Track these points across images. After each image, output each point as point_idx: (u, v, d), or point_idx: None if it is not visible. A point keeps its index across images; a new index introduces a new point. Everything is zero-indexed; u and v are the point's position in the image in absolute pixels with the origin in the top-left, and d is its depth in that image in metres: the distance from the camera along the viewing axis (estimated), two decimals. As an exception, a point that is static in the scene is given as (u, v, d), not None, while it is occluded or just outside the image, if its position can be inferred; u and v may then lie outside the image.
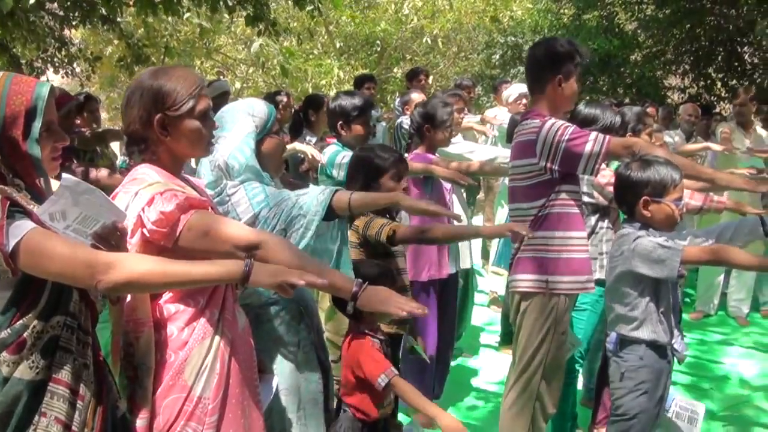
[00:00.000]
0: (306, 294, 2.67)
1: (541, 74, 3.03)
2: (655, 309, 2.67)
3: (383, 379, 2.52)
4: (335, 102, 3.83)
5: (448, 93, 5.09)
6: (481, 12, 13.00)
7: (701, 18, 11.13)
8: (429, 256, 3.92)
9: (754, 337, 6.00)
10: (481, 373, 4.89)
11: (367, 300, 1.92)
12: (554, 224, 2.94)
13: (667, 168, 2.66)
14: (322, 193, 2.48)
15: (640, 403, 2.70)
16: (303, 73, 11.67)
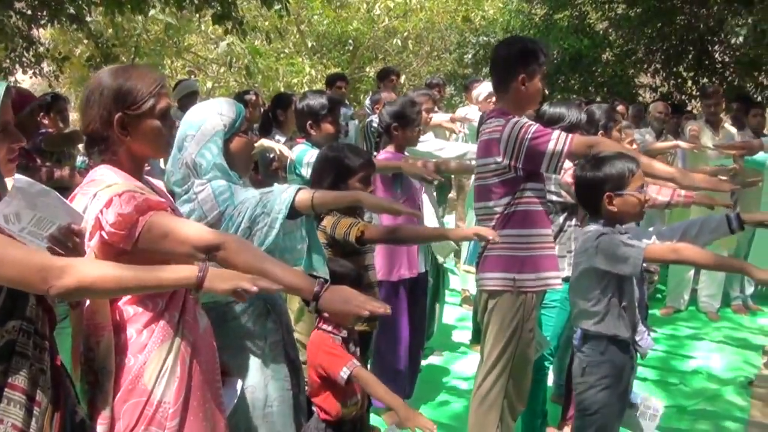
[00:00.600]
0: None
1: (506, 73, 3.04)
2: (617, 304, 2.68)
3: (345, 372, 2.53)
4: (303, 101, 3.81)
5: (417, 92, 5.09)
6: (453, 11, 13.07)
7: (672, 17, 11.24)
8: (398, 256, 3.92)
9: (725, 332, 6.08)
10: (453, 372, 4.90)
11: (328, 300, 1.91)
12: (520, 222, 2.96)
13: (621, 160, 2.68)
14: (285, 192, 2.47)
15: (602, 398, 2.71)
16: (274, 72, 11.63)
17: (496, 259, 3.00)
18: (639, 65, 12.39)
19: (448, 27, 14.25)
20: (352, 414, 2.65)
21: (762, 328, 6.22)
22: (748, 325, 6.32)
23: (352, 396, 2.63)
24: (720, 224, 2.91)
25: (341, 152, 3.15)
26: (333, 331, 2.66)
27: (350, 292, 1.95)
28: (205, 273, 1.74)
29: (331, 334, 2.65)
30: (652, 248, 2.58)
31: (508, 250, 2.97)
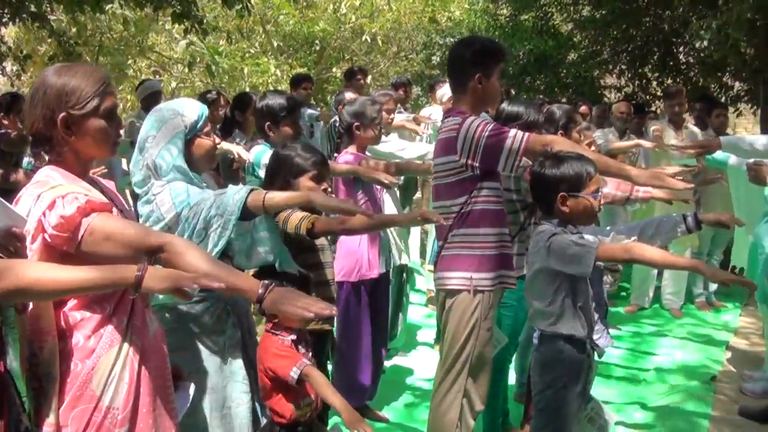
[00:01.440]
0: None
1: (462, 72, 3.04)
2: (571, 304, 2.69)
3: (295, 372, 2.51)
4: (262, 102, 3.78)
5: (379, 92, 5.09)
6: (419, 12, 13.09)
7: (637, 19, 11.34)
8: (359, 256, 3.92)
9: (689, 328, 6.17)
10: (417, 372, 4.90)
11: (272, 302, 1.89)
12: (477, 221, 2.97)
13: (580, 162, 2.68)
14: (237, 193, 2.48)
15: (560, 397, 2.72)
16: (239, 73, 11.56)
17: (453, 258, 3.00)
18: (604, 66, 12.47)
19: (415, 28, 14.27)
20: (306, 415, 2.63)
21: (725, 325, 6.32)
22: (712, 322, 6.42)
23: (305, 397, 2.61)
24: (677, 224, 2.94)
25: (292, 151, 3.13)
26: (282, 334, 2.65)
27: (295, 294, 1.93)
28: (144, 272, 1.72)
29: (280, 336, 2.64)
30: (603, 248, 2.59)
31: (465, 249, 2.98)
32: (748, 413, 4.35)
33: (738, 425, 4.25)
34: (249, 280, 1.99)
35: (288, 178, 3.05)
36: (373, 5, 12.48)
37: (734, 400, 4.60)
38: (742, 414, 4.37)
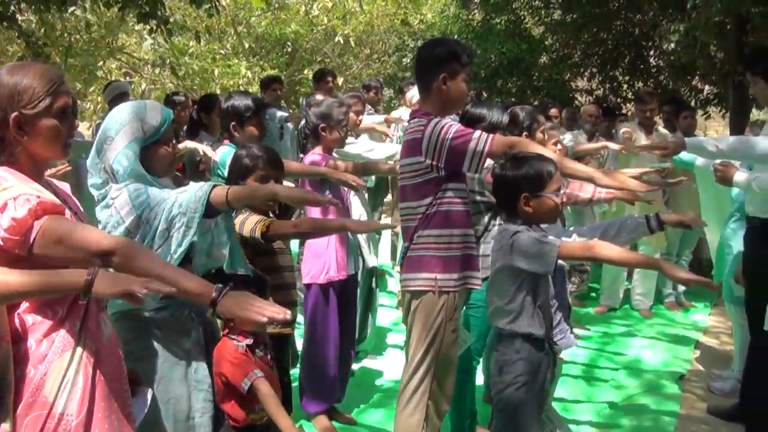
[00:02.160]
0: None
1: (428, 74, 3.03)
2: (531, 303, 2.69)
3: (245, 383, 2.49)
4: (228, 102, 3.75)
5: (347, 94, 5.07)
6: (392, 15, 13.12)
7: (607, 23, 11.45)
8: (327, 258, 3.89)
9: (658, 329, 6.22)
10: (386, 374, 4.87)
11: (226, 306, 1.87)
12: (441, 222, 2.95)
13: (540, 162, 2.69)
14: (200, 190, 2.42)
15: (519, 396, 2.71)
16: (210, 74, 11.48)
17: (418, 259, 2.99)
18: (575, 69, 12.60)
19: (387, 30, 14.30)
20: (263, 419, 2.60)
21: (695, 324, 6.39)
22: (681, 321, 6.48)
23: (257, 402, 2.58)
24: (639, 224, 2.96)
25: (245, 151, 3.12)
26: (238, 338, 2.62)
27: (249, 298, 1.90)
28: (95, 276, 1.69)
29: (236, 341, 2.60)
30: (565, 246, 2.59)
31: (430, 251, 2.96)
32: (716, 412, 4.39)
33: (706, 423, 4.28)
34: (203, 283, 1.95)
35: (237, 178, 3.05)
36: (346, 8, 12.48)
37: (703, 398, 4.64)
38: (710, 412, 4.41)
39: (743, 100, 8.09)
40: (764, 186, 3.65)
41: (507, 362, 2.74)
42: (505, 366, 2.74)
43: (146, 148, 2.50)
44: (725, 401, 4.50)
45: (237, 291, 1.92)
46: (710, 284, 2.76)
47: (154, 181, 2.51)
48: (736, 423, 4.15)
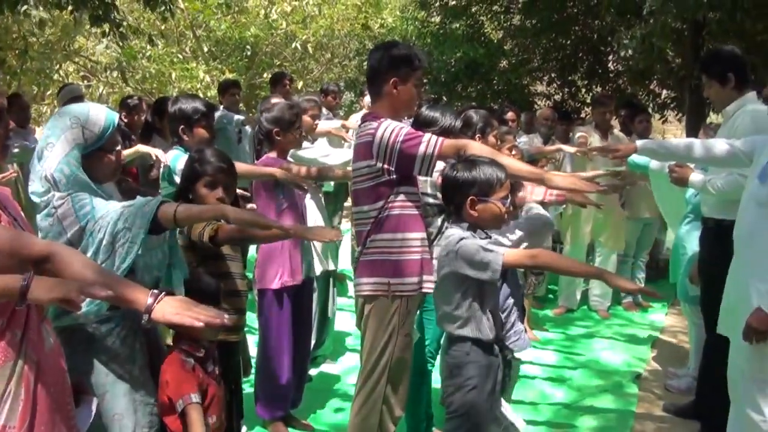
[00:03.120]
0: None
1: (378, 78, 3.04)
2: (479, 308, 2.69)
3: (179, 405, 2.45)
4: (175, 105, 3.68)
5: (303, 98, 5.03)
6: (352, 19, 13.11)
7: (566, 28, 11.57)
8: (281, 262, 3.84)
9: (616, 329, 6.29)
10: (344, 379, 4.85)
11: (162, 313, 1.83)
12: (394, 226, 2.95)
13: (492, 167, 2.69)
14: (147, 205, 2.35)
15: (469, 399, 2.71)
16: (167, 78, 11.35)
17: (371, 263, 2.97)
18: (534, 74, 12.70)
19: (347, 34, 14.30)
20: None
21: (652, 324, 6.46)
22: (639, 321, 6.55)
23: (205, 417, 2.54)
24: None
25: (197, 155, 3.08)
26: (188, 350, 2.58)
27: (185, 303, 1.87)
28: (29, 282, 1.65)
29: (184, 354, 2.56)
30: (510, 255, 2.60)
31: (383, 255, 2.96)
32: (672, 409, 4.45)
33: (662, 421, 4.34)
34: (138, 290, 1.91)
35: (186, 183, 3.01)
36: (305, 12, 12.44)
37: (659, 397, 4.70)
38: (666, 410, 4.46)
39: (700, 104, 8.24)
40: (719, 187, 3.71)
41: (457, 365, 2.73)
42: (455, 369, 2.74)
43: (89, 154, 2.43)
44: (681, 399, 4.57)
45: (173, 297, 1.88)
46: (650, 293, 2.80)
47: (98, 188, 2.45)
48: (692, 420, 4.20)
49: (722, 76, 3.86)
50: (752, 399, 3.12)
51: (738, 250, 3.25)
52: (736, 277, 3.26)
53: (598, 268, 3.49)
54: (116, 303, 1.92)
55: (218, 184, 3.02)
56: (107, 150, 2.49)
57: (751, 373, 3.13)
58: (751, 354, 3.09)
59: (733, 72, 3.84)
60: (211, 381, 2.63)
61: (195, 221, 2.61)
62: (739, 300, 3.16)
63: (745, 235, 3.17)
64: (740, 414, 3.26)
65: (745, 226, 3.18)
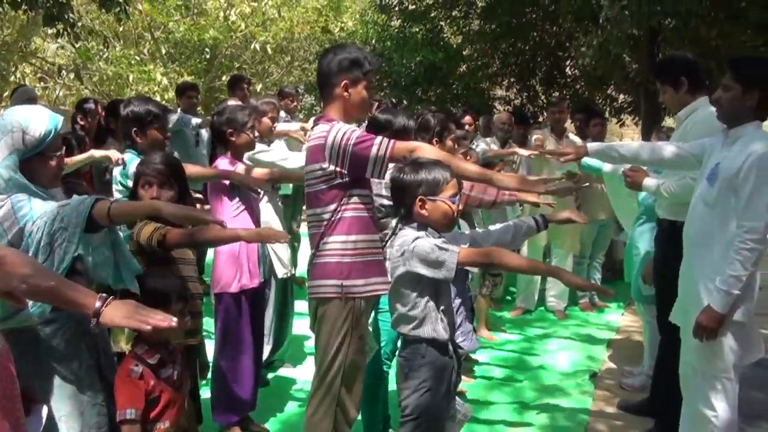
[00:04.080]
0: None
1: (329, 81, 3.03)
2: (434, 308, 2.71)
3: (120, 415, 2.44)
4: (128, 108, 3.64)
5: (261, 101, 5.00)
6: (312, 22, 13.08)
7: (524, 33, 11.72)
8: (238, 266, 3.82)
9: (573, 329, 6.38)
10: (302, 383, 4.81)
11: (109, 316, 1.81)
12: (347, 228, 2.94)
13: (437, 167, 2.72)
14: (82, 203, 2.33)
15: (424, 401, 2.72)
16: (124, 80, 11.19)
17: (324, 266, 2.97)
18: (494, 78, 12.82)
19: (308, 37, 14.27)
20: None
21: (608, 324, 6.57)
22: (595, 322, 6.66)
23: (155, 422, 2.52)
24: (530, 226, 3.04)
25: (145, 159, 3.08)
26: (141, 355, 2.55)
27: (132, 306, 1.85)
28: None
29: (135, 360, 2.54)
30: (465, 253, 2.62)
31: (336, 257, 2.95)
32: (626, 407, 4.52)
33: (617, 418, 4.40)
34: (86, 293, 1.89)
35: (136, 188, 3.01)
36: (265, 14, 12.37)
37: (615, 395, 4.77)
38: (621, 408, 4.53)
39: (655, 109, 8.41)
40: (672, 190, 3.79)
41: (412, 368, 2.74)
42: (410, 371, 2.74)
43: (30, 159, 2.40)
44: (636, 396, 4.65)
45: (121, 300, 1.87)
46: (604, 291, 2.88)
47: (41, 191, 2.42)
48: (646, 417, 4.26)
49: (676, 81, 3.94)
50: (703, 395, 3.20)
51: (688, 250, 3.33)
52: (686, 276, 3.34)
53: (551, 266, 3.54)
54: (64, 307, 1.90)
55: (153, 184, 3.01)
56: (48, 155, 2.46)
57: (702, 370, 3.20)
58: (701, 351, 3.16)
59: (686, 77, 3.92)
60: (166, 387, 2.59)
61: (129, 218, 2.59)
62: (690, 298, 3.24)
63: (694, 235, 3.25)
64: (692, 410, 3.34)
65: (694, 226, 3.26)
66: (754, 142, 3.02)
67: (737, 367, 3.14)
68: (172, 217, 2.44)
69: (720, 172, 3.10)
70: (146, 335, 2.48)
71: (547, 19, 11.34)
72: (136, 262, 2.62)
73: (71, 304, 1.86)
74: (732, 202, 3.04)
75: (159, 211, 2.43)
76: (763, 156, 2.96)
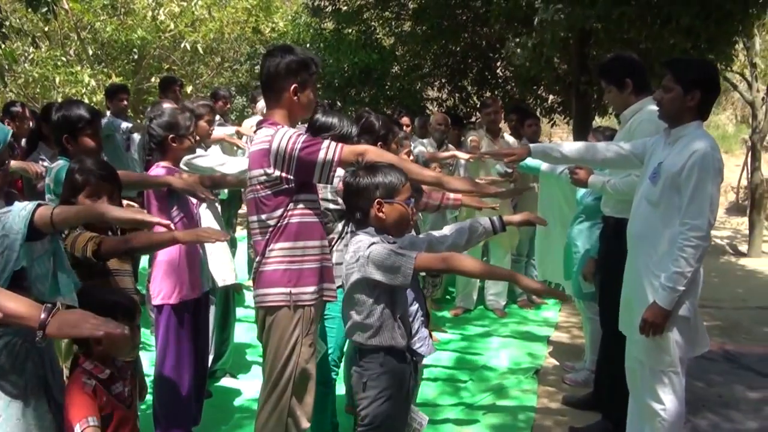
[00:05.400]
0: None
1: (277, 84, 2.97)
2: (390, 315, 2.67)
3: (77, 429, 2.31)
4: (58, 113, 3.47)
5: (197, 103, 4.87)
6: (243, 23, 12.88)
7: (456, 35, 11.77)
8: (179, 276, 3.67)
9: (512, 327, 6.45)
10: (246, 393, 4.72)
11: (56, 327, 1.72)
12: (294, 235, 2.89)
13: (392, 170, 2.70)
14: (24, 209, 2.20)
15: (385, 409, 2.68)
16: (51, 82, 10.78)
17: (271, 273, 2.90)
18: (426, 79, 12.86)
19: (238, 38, 14.06)
20: None
21: (546, 320, 6.69)
22: (534, 319, 6.76)
23: None
24: (485, 228, 3.02)
25: (76, 165, 2.94)
26: (91, 371, 2.43)
27: (81, 315, 1.76)
28: None
29: (86, 378, 2.42)
30: (422, 258, 2.59)
31: (284, 264, 2.89)
32: (572, 402, 4.59)
33: (562, 414, 4.47)
34: (29, 305, 1.79)
35: (67, 196, 2.87)
36: (194, 14, 12.12)
37: (558, 391, 4.84)
38: (566, 403, 4.60)
39: (586, 109, 8.59)
40: (616, 188, 3.86)
41: (371, 377, 2.69)
42: (369, 381, 2.70)
43: None
44: (579, 392, 4.72)
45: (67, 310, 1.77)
46: (560, 295, 2.95)
47: None
48: (592, 411, 4.33)
49: (620, 82, 3.99)
50: (651, 389, 3.26)
51: (632, 248, 3.38)
52: (630, 273, 3.39)
53: (509, 270, 3.57)
54: (5, 321, 1.78)
55: (102, 194, 2.89)
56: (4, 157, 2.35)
57: (650, 365, 3.26)
58: (648, 346, 3.22)
59: (630, 77, 3.98)
60: (118, 404, 2.49)
61: (73, 222, 2.44)
62: (635, 295, 3.29)
63: (638, 233, 3.30)
64: (640, 404, 3.40)
65: (637, 224, 3.31)
66: (696, 141, 3.08)
67: (683, 360, 3.21)
68: (117, 220, 2.33)
69: (663, 171, 3.16)
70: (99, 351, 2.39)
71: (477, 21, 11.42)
72: (74, 275, 2.49)
73: (13, 317, 1.75)
74: (675, 201, 3.10)
75: (104, 216, 2.31)
76: (705, 155, 3.02)
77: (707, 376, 4.95)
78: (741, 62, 11.29)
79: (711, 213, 3.04)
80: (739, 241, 11.13)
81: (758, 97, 10.90)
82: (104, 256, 2.75)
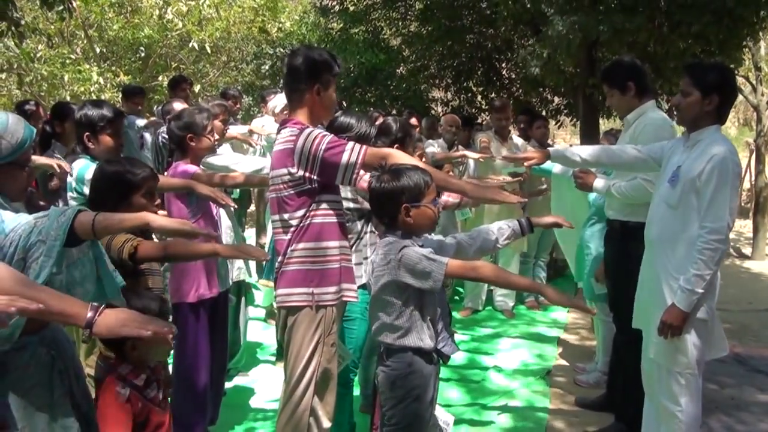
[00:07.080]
0: (59, 336, 2.35)
1: (300, 84, 2.98)
2: (419, 317, 2.68)
3: None
4: (81, 112, 3.49)
5: (212, 103, 4.89)
6: (249, 22, 12.89)
7: (461, 36, 11.78)
8: (196, 275, 3.68)
9: (522, 328, 6.46)
10: (259, 392, 4.74)
11: (104, 325, 1.72)
12: (316, 235, 2.89)
13: (417, 173, 2.69)
14: (63, 215, 2.16)
15: (413, 410, 2.70)
16: (59, 80, 10.77)
17: (294, 273, 2.91)
18: (431, 80, 12.87)
19: (244, 38, 14.07)
20: None
21: (555, 321, 6.69)
22: (542, 320, 6.76)
23: None
24: (514, 230, 3.02)
25: (120, 167, 2.90)
26: (128, 376, 2.43)
27: (128, 314, 1.76)
28: None
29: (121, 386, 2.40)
30: (453, 264, 2.59)
31: (305, 264, 2.90)
32: (584, 403, 4.60)
33: (575, 415, 4.47)
34: (76, 303, 1.79)
35: (119, 197, 2.82)
36: (201, 13, 12.12)
37: (570, 392, 4.85)
38: (579, 404, 4.61)
39: (592, 110, 8.59)
40: (622, 191, 3.86)
41: (399, 377, 2.70)
42: (397, 380, 2.70)
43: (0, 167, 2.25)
44: (591, 393, 4.73)
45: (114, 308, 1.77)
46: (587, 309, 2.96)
47: (6, 203, 2.27)
48: (604, 412, 4.34)
49: (623, 85, 4.02)
50: (668, 390, 3.27)
51: (650, 251, 3.39)
52: (648, 275, 3.40)
53: (538, 282, 3.58)
54: (52, 319, 1.78)
55: (153, 193, 2.89)
56: (21, 164, 2.31)
57: (667, 366, 3.27)
58: (666, 348, 3.23)
59: (632, 81, 4.01)
60: (154, 407, 2.49)
61: (116, 230, 2.42)
62: (653, 297, 3.31)
63: (657, 236, 3.31)
64: (656, 405, 3.41)
65: (656, 227, 3.33)
66: (715, 145, 3.10)
67: (700, 362, 3.23)
68: (161, 230, 2.32)
69: (682, 174, 3.18)
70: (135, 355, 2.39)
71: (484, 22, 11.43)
72: (119, 275, 2.46)
73: (59, 316, 1.75)
74: (694, 204, 3.12)
75: (149, 225, 2.29)
76: (724, 159, 3.05)
77: (719, 378, 4.96)
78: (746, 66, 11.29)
79: (730, 216, 3.07)
80: (742, 244, 11.12)
81: (763, 101, 10.89)
82: (140, 260, 2.74)
